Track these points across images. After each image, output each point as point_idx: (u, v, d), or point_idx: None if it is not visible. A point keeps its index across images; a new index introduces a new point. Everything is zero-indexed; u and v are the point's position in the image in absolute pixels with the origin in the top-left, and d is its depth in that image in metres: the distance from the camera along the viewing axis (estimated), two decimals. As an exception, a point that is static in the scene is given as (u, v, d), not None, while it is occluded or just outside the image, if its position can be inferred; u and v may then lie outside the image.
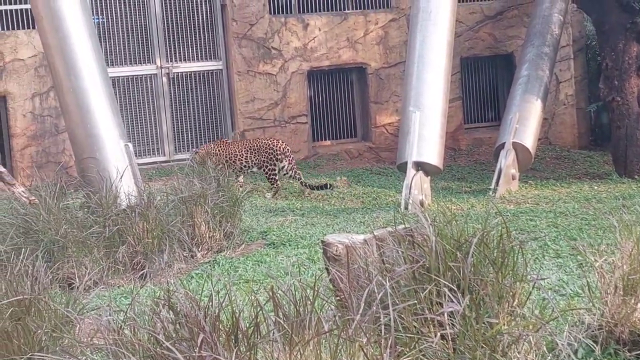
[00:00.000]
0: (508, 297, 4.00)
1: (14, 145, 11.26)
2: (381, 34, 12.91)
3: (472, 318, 3.77)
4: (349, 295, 3.50)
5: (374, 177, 11.25)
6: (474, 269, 3.99)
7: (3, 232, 6.68)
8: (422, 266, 3.96)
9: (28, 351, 3.83)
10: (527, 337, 3.76)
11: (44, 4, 7.86)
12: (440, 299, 3.88)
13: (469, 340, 3.68)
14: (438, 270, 3.96)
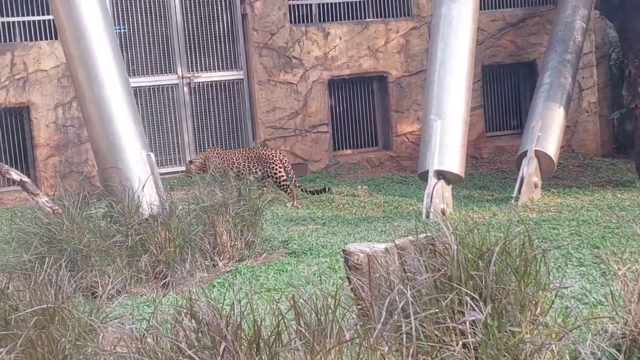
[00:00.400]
0: (530, 305, 3.98)
1: (37, 155, 11.36)
2: (402, 42, 12.91)
3: (494, 327, 3.76)
4: (371, 304, 3.49)
5: (395, 186, 11.23)
6: (496, 278, 3.97)
7: (27, 241, 6.74)
8: (444, 275, 3.95)
9: (52, 359, 3.85)
10: (550, 346, 3.73)
11: (67, 15, 7.93)
12: (462, 307, 3.87)
13: (491, 349, 3.66)
14: (460, 279, 3.95)
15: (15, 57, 11.22)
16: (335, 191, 10.79)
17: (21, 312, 3.92)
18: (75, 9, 7.87)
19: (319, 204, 10.14)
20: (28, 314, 3.92)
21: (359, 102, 13.18)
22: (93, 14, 7.91)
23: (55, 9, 8.08)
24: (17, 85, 11.24)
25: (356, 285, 3.77)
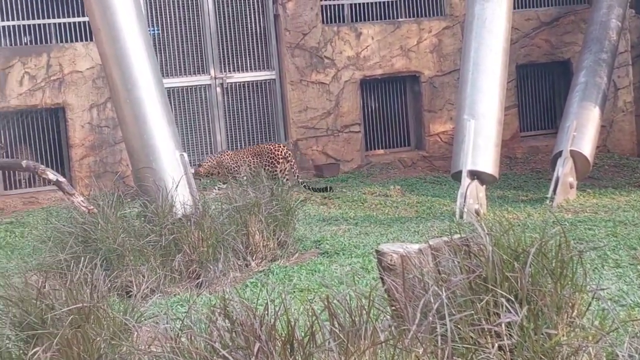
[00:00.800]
0: (567, 307, 3.94)
1: (72, 156, 11.47)
2: (435, 42, 12.85)
3: (531, 329, 3.73)
4: (405, 305, 3.47)
5: (428, 186, 11.18)
6: (532, 279, 3.93)
7: (62, 240, 6.81)
8: (479, 276, 3.92)
9: (87, 358, 3.88)
10: (587, 349, 3.69)
11: (102, 17, 7.99)
12: (498, 309, 3.84)
13: (527, 352, 3.63)
14: (495, 281, 3.92)
15: (51, 59, 11.34)
16: (367, 191, 10.77)
17: (57, 311, 3.95)
18: (110, 10, 7.93)
19: (351, 204, 10.13)
20: (64, 313, 3.96)
21: (391, 102, 13.15)
22: (128, 16, 7.96)
23: (91, 10, 8.15)
24: (52, 87, 11.36)
25: (390, 286, 3.75)
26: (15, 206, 11.00)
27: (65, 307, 3.98)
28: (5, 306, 4.11)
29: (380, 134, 13.07)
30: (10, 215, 10.38)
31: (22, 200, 11.22)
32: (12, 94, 11.18)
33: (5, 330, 3.99)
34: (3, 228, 9.47)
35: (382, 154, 12.95)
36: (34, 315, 3.96)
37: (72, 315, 3.96)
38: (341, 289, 5.70)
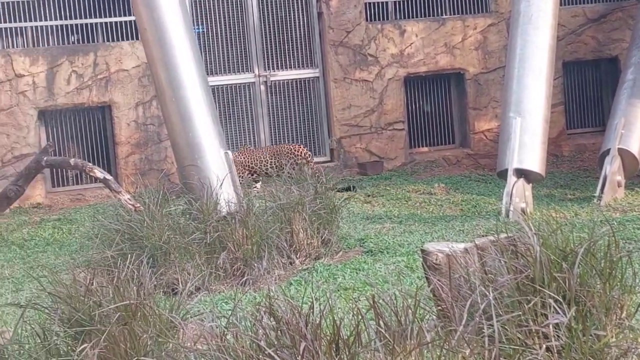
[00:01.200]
0: (616, 308, 3.88)
1: (118, 153, 11.60)
2: (480, 39, 12.74)
3: (579, 330, 3.68)
4: (452, 306, 3.44)
5: (473, 184, 11.08)
6: (580, 280, 3.88)
7: (109, 237, 6.88)
8: (526, 277, 3.88)
9: (134, 355, 3.92)
10: (636, 350, 3.64)
11: (148, 16, 8.07)
12: (545, 310, 3.79)
13: (576, 353, 3.58)
14: (543, 281, 3.87)
15: (98, 57, 11.48)
16: (411, 189, 10.72)
17: (105, 308, 3.99)
18: (156, 10, 8.01)
19: (395, 202, 10.08)
20: (111, 310, 4.00)
21: (435, 99, 13.07)
22: (173, 15, 8.03)
23: (137, 10, 8.24)
24: (99, 85, 11.50)
25: (436, 286, 3.72)
26: (63, 203, 11.16)
27: (113, 304, 4.02)
28: (54, 303, 4.17)
29: (424, 132, 12.99)
30: (58, 212, 10.54)
31: (70, 198, 11.39)
32: (60, 93, 11.34)
33: (54, 327, 4.04)
34: (51, 225, 9.61)
35: (427, 152, 12.88)
36: (82, 312, 4.00)
37: (119, 312, 3.99)
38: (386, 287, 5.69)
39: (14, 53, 11.20)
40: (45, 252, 8.37)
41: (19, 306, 4.24)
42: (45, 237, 9.08)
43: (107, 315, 4.00)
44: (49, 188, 11.52)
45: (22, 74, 11.19)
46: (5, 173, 11.07)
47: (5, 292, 6.86)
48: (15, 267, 7.79)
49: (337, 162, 12.34)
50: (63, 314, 4.02)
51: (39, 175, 10.16)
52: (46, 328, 4.08)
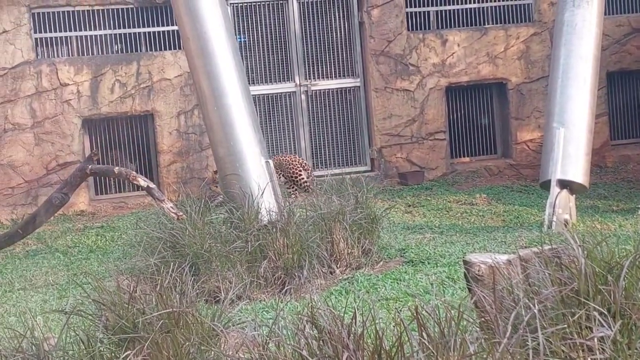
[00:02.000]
0: (663, 322, 3.81)
1: (160, 162, 11.71)
2: (522, 49, 12.64)
3: (624, 343, 3.62)
4: (495, 317, 3.41)
5: (515, 195, 10.98)
6: (626, 293, 3.82)
7: (152, 245, 6.94)
8: (571, 289, 3.83)
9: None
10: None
11: (191, 26, 8.14)
12: (590, 323, 3.74)
13: (621, 367, 3.52)
14: (587, 294, 3.82)
15: (141, 67, 11.61)
16: (452, 199, 10.66)
17: (148, 316, 4.02)
18: (199, 19, 8.07)
19: (436, 212, 10.04)
20: (154, 317, 4.02)
21: (477, 109, 12.99)
22: (216, 25, 8.09)
23: (180, 20, 8.31)
24: (142, 94, 11.63)
25: (479, 297, 3.69)
26: (106, 211, 11.30)
27: (156, 312, 4.04)
28: (99, 310, 4.21)
29: (465, 142, 12.92)
30: (101, 219, 10.67)
31: (112, 205, 11.52)
32: (104, 102, 11.49)
33: (98, 334, 4.08)
34: (94, 232, 9.73)
35: (468, 162, 12.80)
36: (125, 319, 4.04)
37: (162, 319, 4.02)
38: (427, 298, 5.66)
39: (59, 62, 11.38)
40: (89, 259, 8.48)
41: (64, 313, 4.28)
42: (88, 244, 9.19)
43: (150, 323, 4.02)
44: (93, 196, 11.66)
45: (66, 83, 11.36)
46: (49, 180, 11.24)
47: (50, 299, 6.95)
48: (59, 273, 7.90)
49: (378, 171, 12.32)
50: (107, 321, 4.06)
51: (83, 183, 10.30)
52: (90, 335, 4.12)
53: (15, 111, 11.20)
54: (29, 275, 7.88)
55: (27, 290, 7.36)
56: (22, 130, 11.22)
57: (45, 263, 8.40)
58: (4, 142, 11.16)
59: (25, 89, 11.23)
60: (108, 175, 10.25)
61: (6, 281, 7.73)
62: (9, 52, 11.18)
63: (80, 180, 5.81)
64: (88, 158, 5.85)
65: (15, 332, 4.23)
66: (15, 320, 6.22)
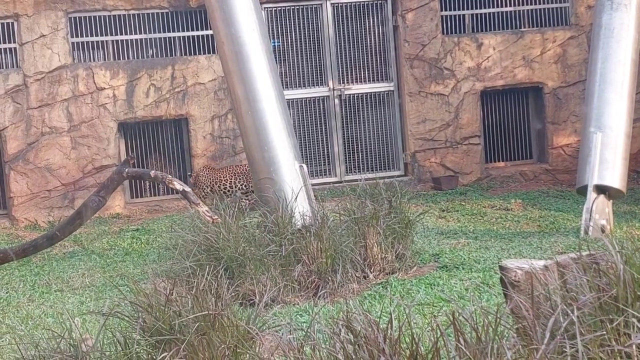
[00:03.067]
0: (703, 330, 3.74)
1: (194, 165, 11.78)
2: (559, 52, 12.54)
3: (664, 351, 3.56)
4: (533, 324, 3.37)
5: (551, 200, 10.88)
6: (665, 300, 3.76)
7: (186, 248, 6.98)
8: (609, 296, 3.78)
9: (212, 365, 3.96)
10: None
11: (226, 31, 8.18)
12: (629, 330, 3.69)
13: (661, 375, 3.46)
14: (626, 300, 3.77)
15: (176, 71, 11.69)
16: (487, 204, 10.59)
17: (184, 318, 4.04)
18: (234, 24, 8.11)
19: (470, 217, 9.97)
20: (190, 319, 4.04)
21: (512, 114, 12.90)
22: (251, 29, 8.12)
23: (215, 24, 8.35)
24: (177, 98, 11.71)
25: (517, 303, 3.66)
26: (141, 214, 11.39)
27: (192, 314, 4.06)
28: (135, 311, 4.24)
29: (500, 146, 12.84)
30: (136, 222, 10.75)
31: (147, 209, 11.60)
32: (139, 105, 11.59)
33: (135, 335, 4.11)
34: (130, 235, 9.81)
35: (503, 167, 12.72)
36: (162, 321, 4.06)
37: (198, 322, 4.04)
38: (461, 303, 5.62)
39: (95, 66, 11.50)
40: (124, 261, 8.55)
41: (102, 314, 4.32)
42: (124, 246, 9.27)
43: (186, 325, 4.04)
44: (128, 199, 11.77)
45: (102, 87, 11.48)
46: (86, 184, 11.36)
47: (87, 300, 7.02)
48: (95, 275, 7.97)
49: (411, 176, 12.28)
50: (144, 322, 4.09)
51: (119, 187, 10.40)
52: (127, 336, 4.15)
53: (52, 115, 11.33)
54: (66, 277, 7.97)
55: (64, 291, 7.44)
56: (59, 133, 11.36)
57: (81, 265, 8.49)
58: (41, 146, 11.30)
59: (62, 93, 11.37)
60: (144, 179, 10.32)
61: (43, 282, 7.82)
62: (46, 56, 11.32)
63: (117, 184, 5.86)
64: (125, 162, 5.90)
65: (54, 332, 4.28)
66: (52, 321, 6.30)
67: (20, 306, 7.00)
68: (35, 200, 11.26)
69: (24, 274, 8.24)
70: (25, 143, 11.26)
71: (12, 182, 11.21)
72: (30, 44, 11.28)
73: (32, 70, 11.26)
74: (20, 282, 7.91)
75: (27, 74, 11.25)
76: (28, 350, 4.22)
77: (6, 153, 11.21)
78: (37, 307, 6.93)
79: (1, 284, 7.62)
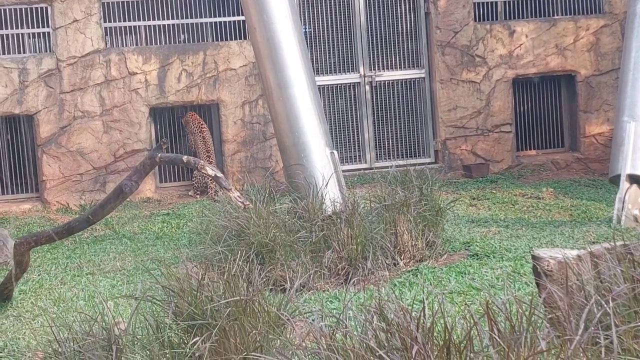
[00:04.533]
0: None
1: (225, 151, 11.81)
2: (592, 41, 12.39)
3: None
4: (567, 314, 3.35)
5: (583, 189, 10.79)
6: (701, 291, 3.72)
7: (217, 233, 7.01)
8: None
9: (244, 350, 3.97)
10: None
11: (258, 17, 8.18)
12: (663, 321, 3.65)
13: (697, 368, 3.42)
14: (661, 291, 3.73)
15: (207, 57, 11.71)
16: (518, 193, 10.52)
17: (216, 303, 4.06)
18: (266, 10, 8.10)
19: (501, 205, 9.92)
20: (222, 305, 4.06)
21: (544, 102, 12.79)
22: (283, 15, 8.11)
23: (247, 10, 8.36)
24: (208, 83, 11.74)
25: (552, 292, 3.63)
26: (171, 198, 11.45)
27: (224, 299, 4.08)
28: (167, 296, 4.26)
29: (532, 134, 12.74)
30: (167, 207, 10.82)
31: (178, 193, 11.67)
32: (171, 91, 11.63)
33: (167, 320, 4.13)
34: (160, 219, 9.87)
35: (534, 155, 12.62)
36: (194, 306, 4.09)
37: (230, 307, 4.06)
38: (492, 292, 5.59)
39: (127, 51, 11.56)
40: (155, 245, 8.61)
41: (134, 298, 4.35)
42: (154, 231, 9.34)
43: (218, 310, 4.06)
44: (158, 183, 11.83)
45: (135, 72, 11.53)
46: (117, 168, 11.44)
47: (118, 284, 7.08)
48: (126, 259, 8.04)
49: (442, 164, 12.22)
50: (176, 307, 4.11)
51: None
52: (159, 320, 4.18)
53: (84, 99, 11.41)
54: (97, 260, 8.04)
55: (95, 275, 7.51)
56: (91, 118, 11.44)
57: (112, 248, 8.56)
58: (73, 129, 11.39)
59: (95, 78, 11.44)
60: (177, 164, 10.40)
61: (75, 265, 7.90)
62: (79, 41, 11.39)
63: (150, 169, 5.90)
64: (158, 147, 5.93)
65: (87, 315, 4.32)
66: (84, 304, 6.37)
67: (52, 288, 7.08)
68: (67, 183, 11.36)
69: (55, 256, 8.33)
70: (58, 127, 11.35)
71: (44, 166, 11.32)
72: (63, 29, 11.35)
73: (65, 55, 11.34)
74: (52, 264, 8.00)
75: (60, 59, 11.33)
76: (61, 332, 4.26)
77: (39, 137, 11.31)
78: (68, 289, 7.01)
79: (34, 267, 7.71)
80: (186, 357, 3.99)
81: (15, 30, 11.41)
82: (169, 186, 11.91)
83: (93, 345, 4.05)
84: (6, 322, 6.20)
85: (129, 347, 4.07)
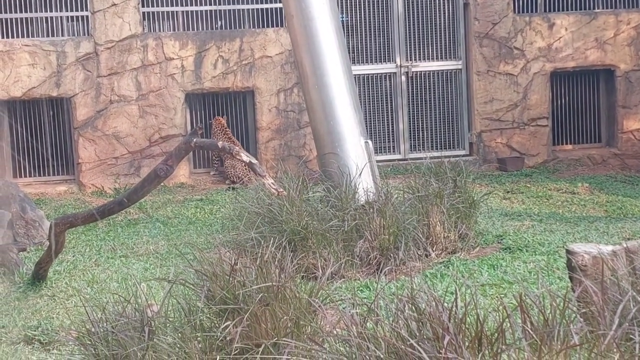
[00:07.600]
0: None
1: (259, 138, 11.85)
2: (633, 35, 12.21)
3: None
4: (602, 309, 3.32)
5: (619, 185, 10.66)
6: None
7: (250, 220, 7.04)
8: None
9: (275, 336, 3.99)
10: None
11: (295, 4, 8.17)
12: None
13: None
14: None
15: (244, 44, 11.74)
16: (552, 187, 10.43)
17: (248, 288, 4.08)
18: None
19: (536, 199, 9.84)
20: (254, 290, 4.08)
21: (582, 96, 12.65)
22: (321, 3, 8.09)
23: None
24: (244, 70, 11.76)
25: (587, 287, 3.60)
26: (205, 184, 11.52)
27: (256, 285, 4.10)
28: (200, 280, 4.29)
29: (569, 129, 12.61)
30: (200, 192, 10.88)
31: (212, 179, 11.74)
32: (207, 77, 11.68)
33: (199, 303, 4.16)
34: (194, 205, 9.94)
35: (570, 150, 12.49)
36: (226, 290, 4.11)
37: (262, 293, 4.07)
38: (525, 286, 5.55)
39: (164, 37, 11.61)
40: (188, 230, 8.66)
41: (167, 281, 4.39)
42: (188, 215, 9.40)
43: (249, 295, 4.08)
44: (192, 169, 11.90)
45: (171, 57, 11.59)
46: (152, 152, 11.53)
47: (151, 267, 7.14)
48: (159, 243, 8.09)
49: (476, 156, 12.15)
50: (209, 291, 4.14)
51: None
52: (192, 304, 4.21)
53: (121, 83, 11.50)
54: (131, 243, 8.11)
55: (128, 257, 7.58)
56: (128, 102, 11.52)
57: (146, 232, 8.63)
58: (109, 113, 11.48)
59: (132, 62, 11.51)
60: (212, 149, 10.44)
61: (108, 248, 7.98)
62: (117, 25, 11.47)
63: (185, 153, 5.93)
64: (193, 132, 5.95)
65: (120, 297, 4.36)
66: (117, 286, 6.43)
67: (86, 270, 7.16)
68: (102, 167, 11.47)
69: (90, 238, 8.42)
70: (94, 110, 11.45)
71: (80, 149, 11.43)
72: (101, 13, 11.44)
73: (103, 39, 11.43)
74: (86, 246, 8.08)
75: (98, 42, 11.42)
76: (94, 313, 4.31)
77: (75, 119, 11.43)
78: (102, 271, 7.08)
79: (68, 248, 7.80)
80: (217, 340, 4.02)
81: (54, 13, 11.51)
82: (203, 172, 11.98)
83: (126, 326, 4.09)
84: (40, 302, 6.28)
85: (161, 329, 4.10)
